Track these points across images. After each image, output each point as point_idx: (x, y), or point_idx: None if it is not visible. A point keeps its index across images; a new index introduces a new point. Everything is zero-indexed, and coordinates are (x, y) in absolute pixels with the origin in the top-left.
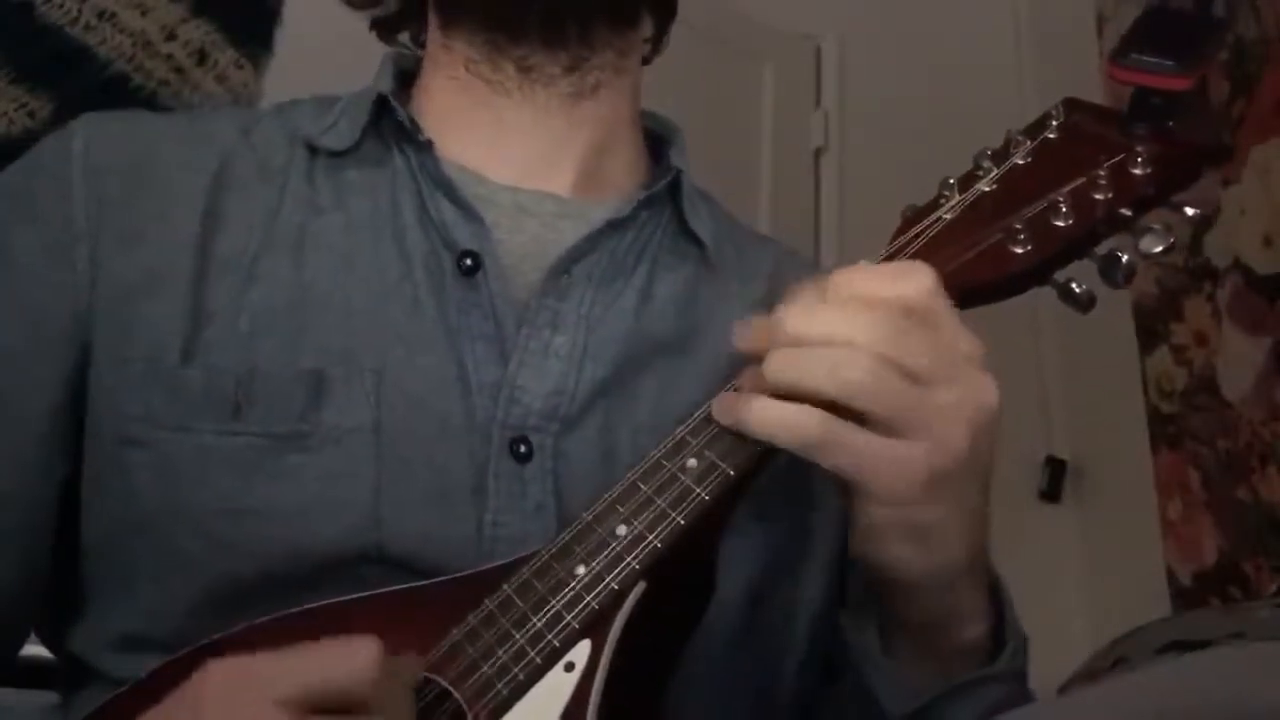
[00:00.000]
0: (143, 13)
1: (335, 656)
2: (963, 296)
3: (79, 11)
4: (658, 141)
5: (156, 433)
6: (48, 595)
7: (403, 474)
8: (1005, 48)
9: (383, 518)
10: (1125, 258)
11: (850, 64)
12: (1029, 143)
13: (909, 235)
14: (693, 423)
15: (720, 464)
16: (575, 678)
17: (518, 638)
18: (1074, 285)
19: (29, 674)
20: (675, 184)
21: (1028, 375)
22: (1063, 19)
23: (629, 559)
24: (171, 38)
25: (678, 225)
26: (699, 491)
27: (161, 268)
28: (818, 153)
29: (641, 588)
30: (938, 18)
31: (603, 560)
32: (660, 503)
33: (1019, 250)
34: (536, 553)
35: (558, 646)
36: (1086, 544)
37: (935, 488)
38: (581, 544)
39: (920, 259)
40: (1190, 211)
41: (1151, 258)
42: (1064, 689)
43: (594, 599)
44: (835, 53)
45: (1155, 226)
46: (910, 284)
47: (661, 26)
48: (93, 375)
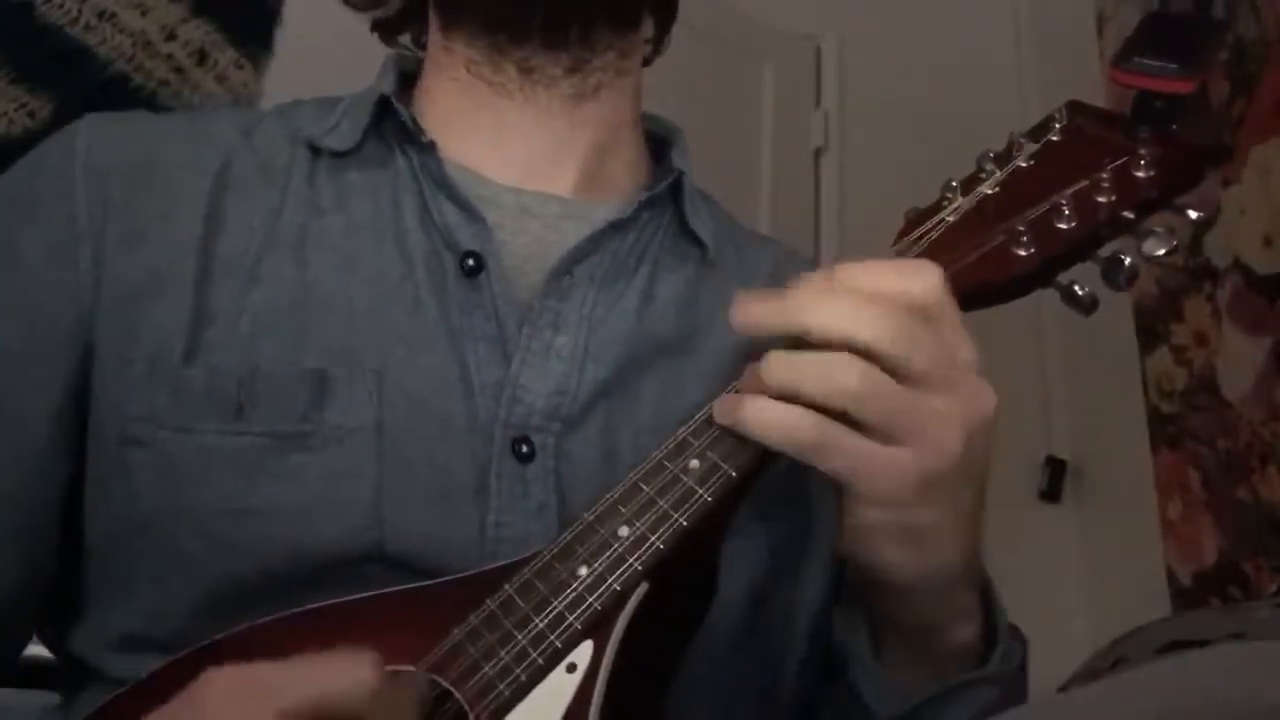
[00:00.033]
0: (143, 13)
1: (337, 669)
2: (966, 298)
3: (79, 11)
4: (659, 143)
5: (159, 433)
6: (49, 596)
7: (405, 474)
8: (1005, 48)
9: (385, 517)
10: (1128, 260)
11: (850, 64)
12: (1032, 145)
13: (912, 237)
14: (695, 424)
15: (723, 465)
16: (577, 679)
17: (520, 638)
18: (1076, 287)
19: (29, 674)
20: (676, 185)
21: (1029, 375)
22: (1063, 19)
23: (631, 560)
24: (171, 38)
25: (679, 226)
26: (701, 493)
27: (164, 268)
28: (818, 153)
29: (644, 589)
30: (938, 18)
31: (605, 561)
32: (663, 504)
33: (1022, 252)
34: (538, 553)
35: (560, 647)
36: (1086, 544)
37: (928, 491)
38: (584, 545)
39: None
40: (1193, 214)
41: (1154, 260)
42: (1064, 689)
43: (596, 600)
44: (835, 53)
45: (1158, 229)
46: (917, 281)
47: (662, 28)
48: (95, 376)
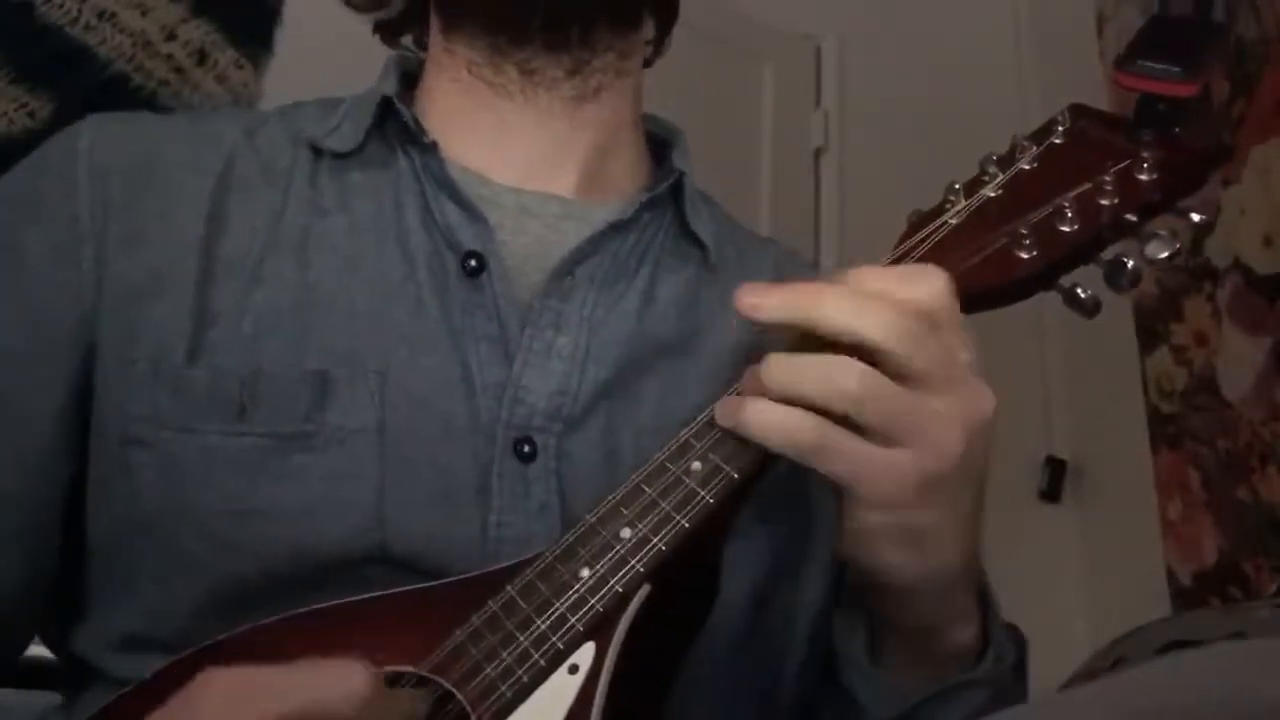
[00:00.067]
0: (143, 13)
1: (334, 676)
2: (968, 300)
3: (79, 11)
4: (660, 144)
5: (161, 433)
6: (51, 596)
7: (407, 474)
8: (1005, 48)
9: (387, 518)
10: (1131, 263)
11: (850, 64)
12: (1035, 148)
13: (915, 239)
14: (696, 426)
15: (724, 467)
16: (579, 680)
17: (522, 640)
18: (1079, 290)
19: (29, 674)
20: (677, 186)
21: (1029, 375)
22: (1063, 19)
23: (633, 561)
24: (171, 38)
25: (679, 227)
26: (703, 494)
27: (166, 268)
28: (818, 153)
29: (646, 590)
30: (938, 18)
31: (607, 562)
32: (665, 505)
33: (1024, 255)
34: (540, 554)
35: (562, 649)
36: (1086, 544)
37: (928, 492)
38: (586, 546)
39: (926, 263)
40: (1195, 217)
41: (1157, 264)
42: (1064, 689)
43: (598, 601)
44: (835, 53)
45: (1161, 232)
46: (924, 287)
47: (663, 29)
48: (98, 376)
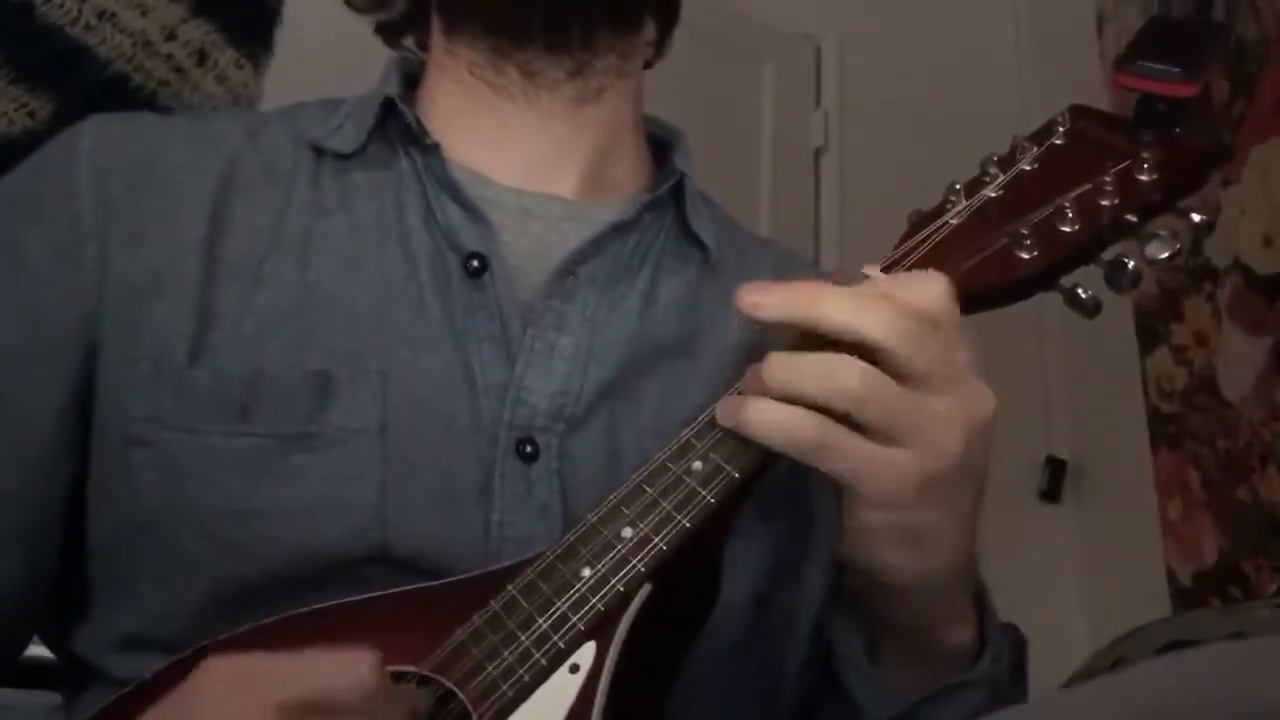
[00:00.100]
0: (143, 13)
1: (337, 665)
2: (969, 301)
3: (79, 11)
4: (661, 145)
5: (163, 433)
6: (52, 596)
7: (409, 475)
8: (1005, 48)
9: (388, 518)
10: (1131, 264)
11: (850, 64)
12: (1035, 149)
13: (915, 240)
14: (697, 426)
15: (725, 467)
16: (580, 679)
17: (523, 639)
18: (1079, 290)
19: (29, 674)
20: (678, 187)
21: (1029, 375)
22: (1063, 19)
23: (634, 561)
24: (171, 38)
25: (680, 228)
26: (704, 494)
27: (168, 269)
28: (818, 153)
29: (647, 590)
30: (938, 18)
31: (608, 562)
32: (666, 505)
33: (1025, 255)
34: (541, 554)
35: (563, 648)
36: (1086, 544)
37: (928, 492)
38: (587, 546)
39: (927, 263)
40: (1196, 218)
41: (1158, 264)
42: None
43: (600, 601)
44: (835, 53)
45: (1161, 233)
46: (926, 292)
47: (664, 30)
48: (99, 376)
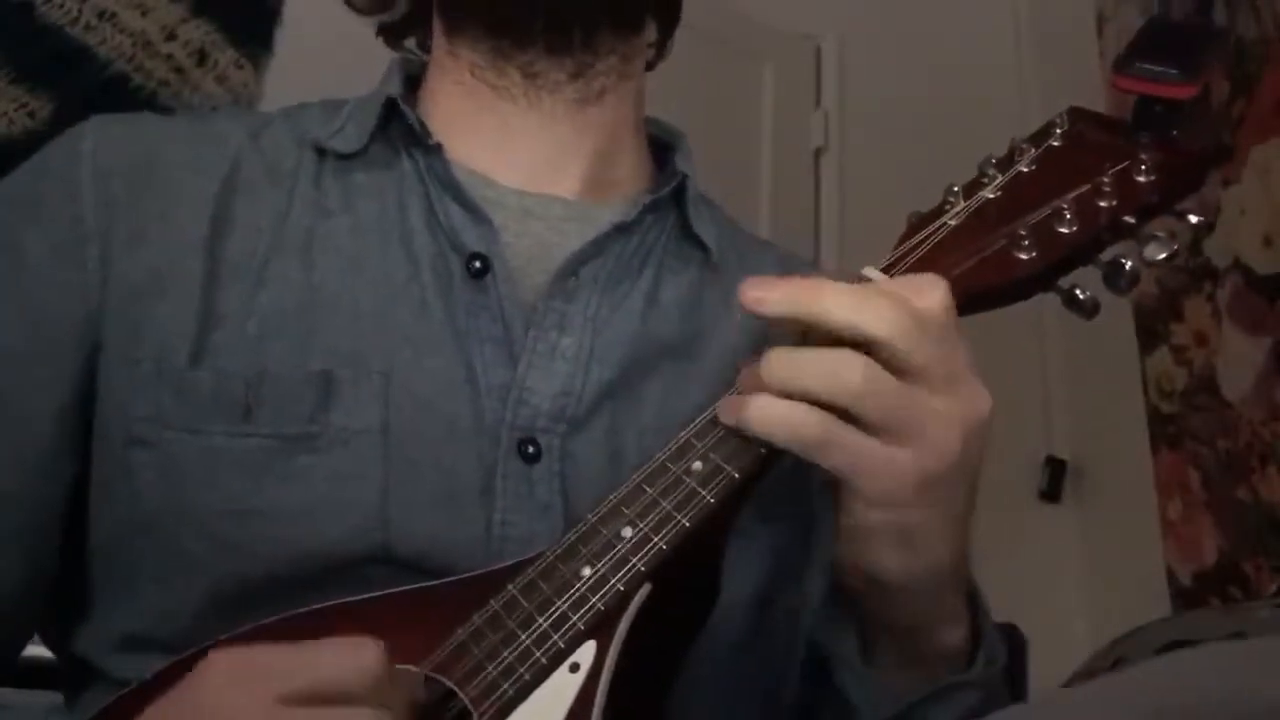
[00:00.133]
0: (143, 13)
1: (339, 654)
2: (968, 301)
3: (79, 11)
4: (662, 147)
5: (164, 433)
6: (53, 596)
7: (411, 475)
8: (1005, 48)
9: (390, 519)
10: (1129, 265)
11: (850, 64)
12: (1033, 150)
13: (914, 240)
14: (697, 426)
15: (725, 467)
16: (580, 678)
17: (523, 638)
18: (1078, 291)
19: (29, 674)
20: (680, 189)
21: (1029, 375)
22: (1063, 19)
23: (634, 561)
24: (171, 38)
25: (681, 229)
26: (704, 494)
27: (170, 269)
28: (818, 153)
29: (647, 589)
30: (938, 18)
31: (608, 562)
32: (665, 505)
33: (1024, 256)
34: (542, 554)
35: (563, 647)
36: (1086, 544)
37: (926, 491)
38: (587, 545)
39: (926, 264)
40: (1194, 219)
41: (1155, 265)
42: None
43: (599, 600)
44: (835, 53)
45: (1159, 234)
46: (925, 296)
47: (665, 32)
48: (101, 376)
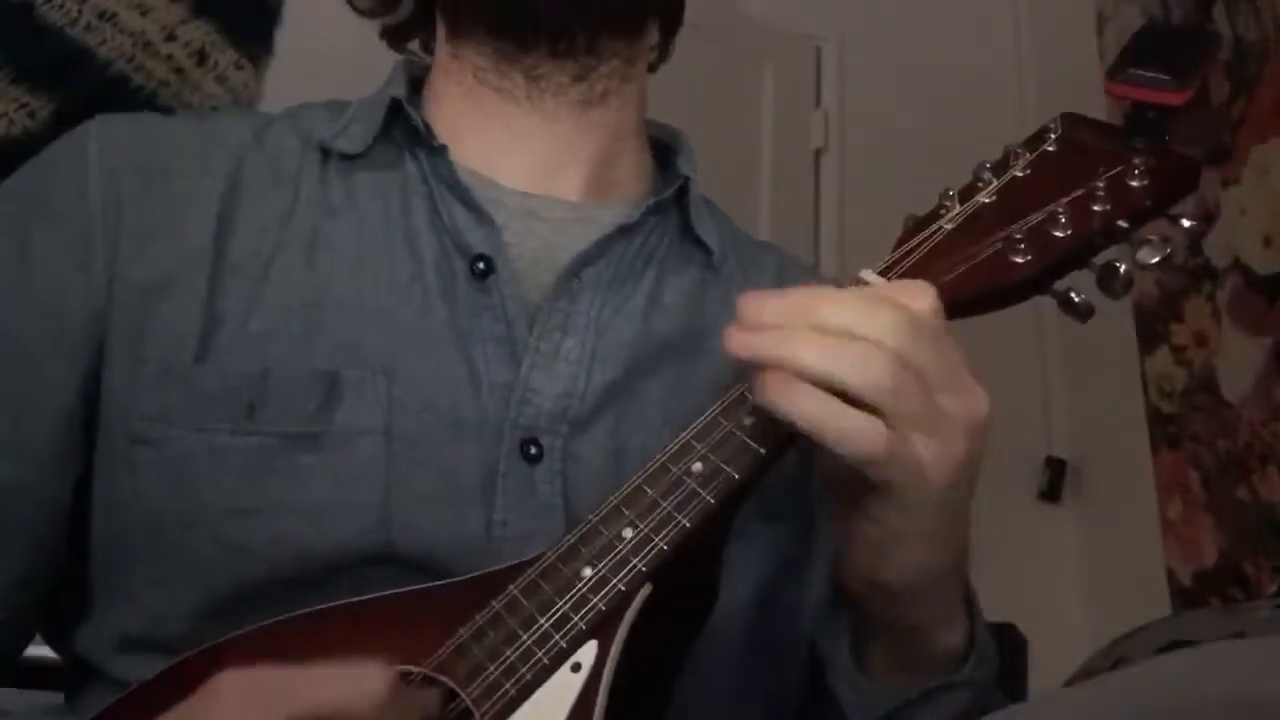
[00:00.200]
0: (143, 13)
1: (346, 679)
2: (964, 305)
3: (79, 12)
4: (663, 149)
5: (169, 431)
6: (54, 595)
7: (413, 476)
8: (1005, 48)
9: (392, 519)
10: (1123, 268)
11: (850, 65)
12: (1028, 155)
13: (911, 244)
14: (698, 426)
15: (725, 468)
16: (582, 678)
17: (524, 638)
18: (1073, 294)
19: (30, 674)
20: (681, 190)
21: (1029, 375)
22: (1063, 19)
23: (635, 561)
24: (171, 38)
25: (683, 231)
26: (704, 495)
27: (176, 268)
28: (818, 153)
29: (648, 590)
30: (938, 19)
31: (609, 562)
32: (666, 506)
33: (1019, 260)
34: (543, 554)
35: (564, 647)
36: (1086, 544)
37: (941, 493)
38: (588, 546)
39: (922, 267)
40: (1187, 223)
41: (1148, 269)
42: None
43: (600, 600)
44: (835, 53)
45: (1152, 238)
46: (919, 301)
47: (667, 34)
48: (105, 375)
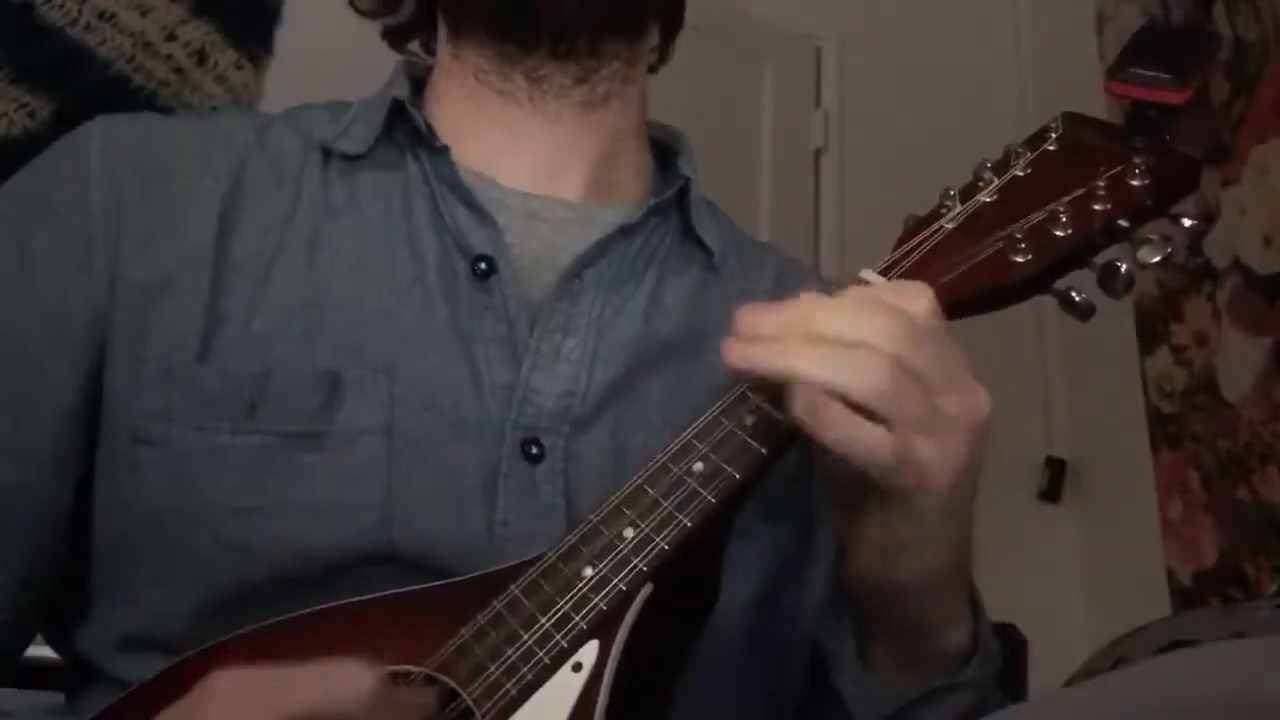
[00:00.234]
0: (143, 13)
1: (338, 677)
2: (965, 304)
3: (79, 12)
4: (663, 149)
5: (171, 430)
6: (55, 595)
7: (414, 475)
8: (1005, 48)
9: (393, 519)
10: (1124, 268)
11: (850, 65)
12: (1028, 154)
13: (911, 243)
14: (698, 427)
15: (726, 468)
16: (583, 678)
17: (525, 638)
18: (1074, 293)
19: (30, 674)
20: (682, 191)
21: (1029, 375)
22: (1063, 19)
23: (636, 561)
24: (171, 38)
25: (684, 232)
26: (705, 494)
27: (178, 269)
28: (818, 153)
29: (649, 589)
30: (938, 19)
31: (610, 562)
32: (667, 505)
33: (1019, 259)
34: (543, 554)
35: (566, 647)
36: (1086, 544)
37: (948, 496)
38: (589, 546)
39: (923, 266)
40: (1187, 222)
41: (1149, 268)
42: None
43: (602, 600)
44: (835, 53)
45: (1153, 237)
46: (916, 303)
47: (668, 36)
48: (107, 375)
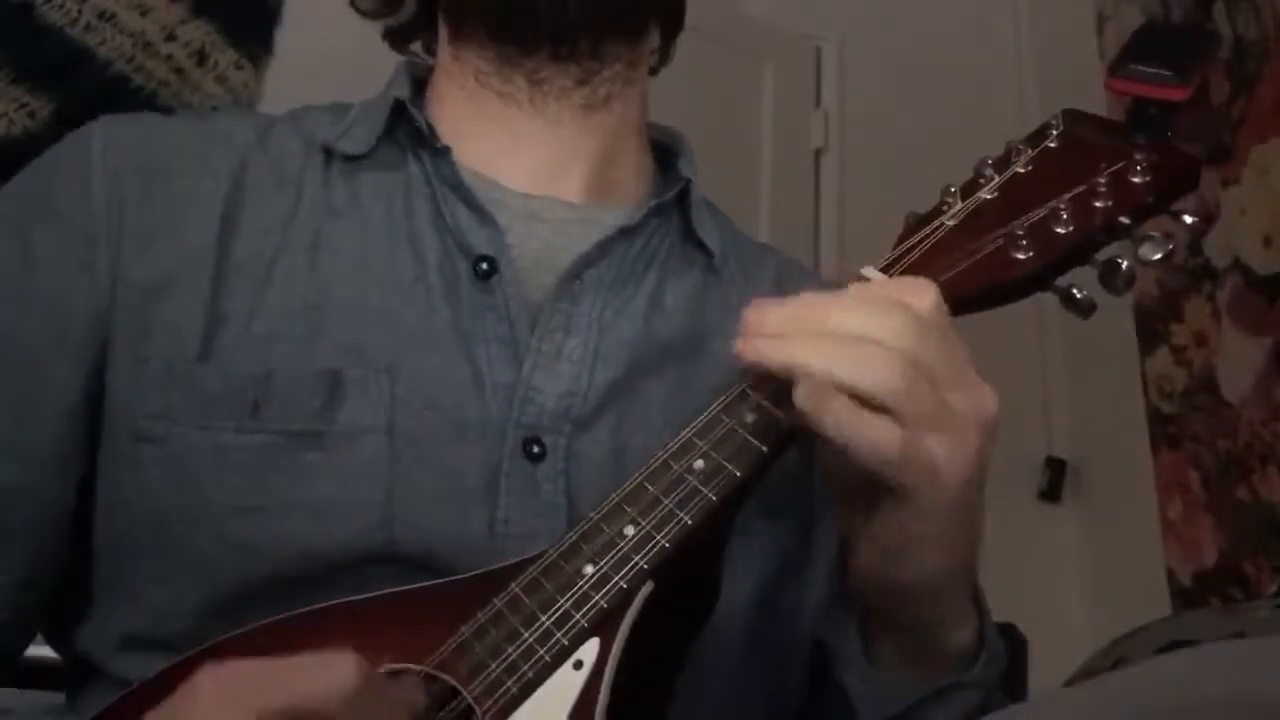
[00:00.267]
0: (143, 13)
1: (317, 668)
2: (966, 301)
3: (79, 12)
4: (664, 151)
5: (173, 429)
6: (56, 594)
7: (416, 474)
8: (1005, 48)
9: (395, 518)
10: (1125, 265)
11: (850, 65)
12: (1030, 151)
13: (912, 241)
14: (699, 425)
15: (727, 465)
16: (584, 676)
17: (526, 636)
18: (1075, 291)
19: (30, 674)
20: (683, 193)
21: (1029, 375)
22: (1063, 19)
23: (637, 558)
24: (171, 38)
25: (684, 233)
26: (706, 492)
27: (180, 269)
28: (818, 153)
29: (649, 587)
30: (938, 19)
31: (610, 559)
32: (668, 503)
33: (1020, 256)
34: (544, 552)
35: (566, 645)
36: (1086, 544)
37: (958, 494)
38: (590, 543)
39: (924, 264)
40: (1188, 219)
41: (1150, 265)
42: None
43: (602, 598)
44: (835, 53)
45: (1154, 234)
46: (921, 299)
47: (668, 37)
48: (109, 374)
